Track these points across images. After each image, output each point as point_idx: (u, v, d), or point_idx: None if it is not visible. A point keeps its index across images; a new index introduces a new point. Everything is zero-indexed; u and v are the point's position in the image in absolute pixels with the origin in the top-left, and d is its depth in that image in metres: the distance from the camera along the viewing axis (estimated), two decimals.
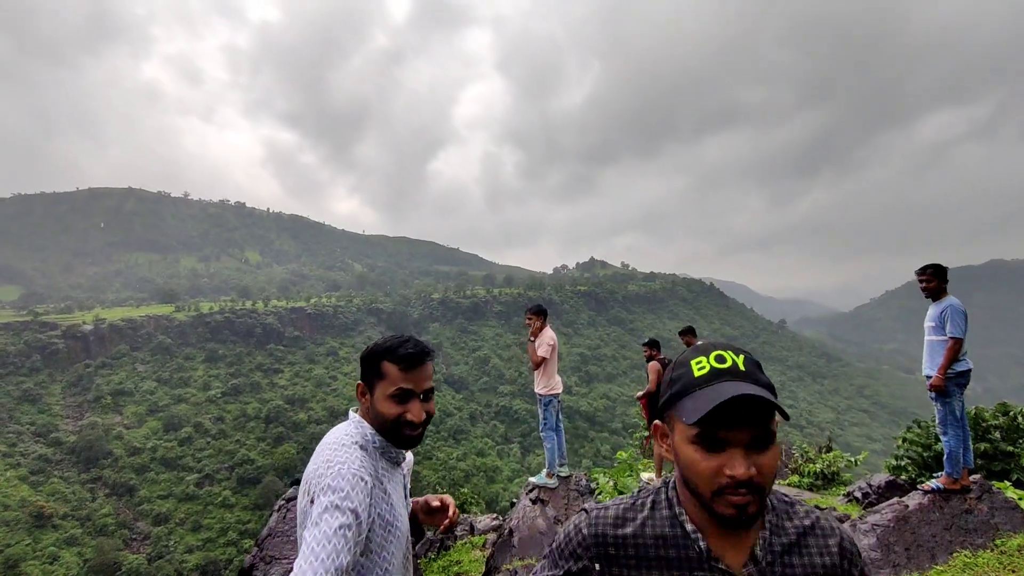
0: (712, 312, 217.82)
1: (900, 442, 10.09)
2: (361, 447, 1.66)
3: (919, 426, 10.28)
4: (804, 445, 12.36)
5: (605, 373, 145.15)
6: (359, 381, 1.84)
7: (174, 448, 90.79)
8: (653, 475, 8.18)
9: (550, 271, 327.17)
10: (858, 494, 8.36)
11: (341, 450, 1.60)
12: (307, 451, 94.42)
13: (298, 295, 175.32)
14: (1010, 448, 8.84)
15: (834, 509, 7.55)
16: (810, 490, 10.24)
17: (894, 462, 9.88)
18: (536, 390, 8.04)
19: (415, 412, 1.77)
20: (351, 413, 1.90)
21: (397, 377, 1.75)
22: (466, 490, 19.51)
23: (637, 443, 15.16)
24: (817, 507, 6.81)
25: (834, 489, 10.24)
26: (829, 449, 11.61)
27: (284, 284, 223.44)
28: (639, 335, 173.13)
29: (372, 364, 1.79)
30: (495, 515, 10.60)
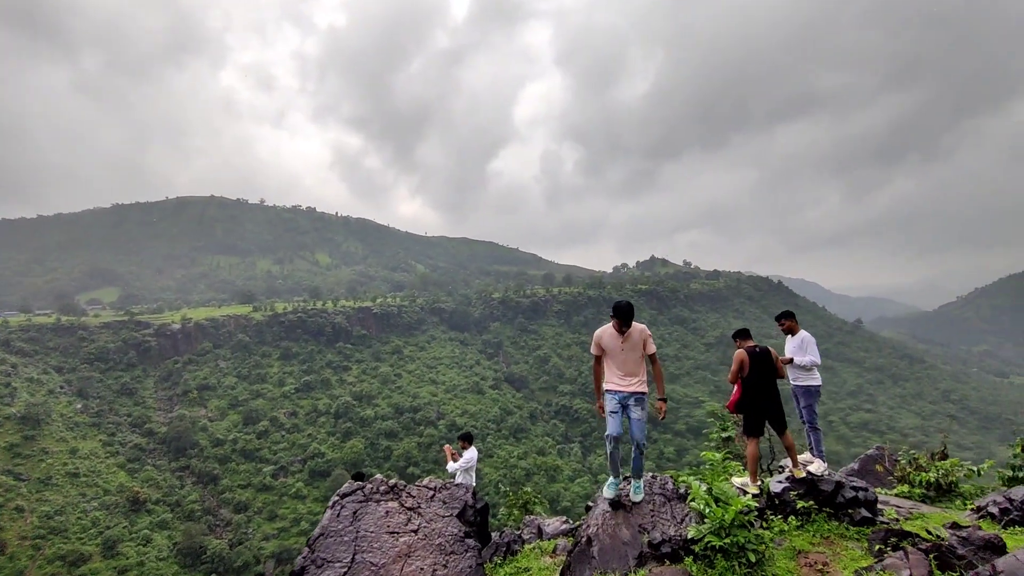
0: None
1: (1018, 450, 9.53)
2: None
3: None
4: (912, 451, 11.20)
5: (668, 373, 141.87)
6: None
7: (252, 440, 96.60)
8: (748, 479, 7.77)
9: (610, 270, 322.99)
10: (994, 510, 7.38)
11: None
12: (374, 446, 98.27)
13: (365, 295, 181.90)
14: None
15: (977, 528, 6.34)
16: (924, 502, 9.31)
17: (1010, 472, 9.32)
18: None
19: None
20: None
21: None
22: (529, 489, 19.18)
23: (713, 443, 14.53)
24: (956, 524, 6.53)
25: (955, 502, 9.27)
26: (944, 456, 10.53)
27: (352, 285, 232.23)
28: (702, 334, 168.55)
29: None
30: (564, 518, 10.64)
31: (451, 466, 10.22)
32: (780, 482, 7.61)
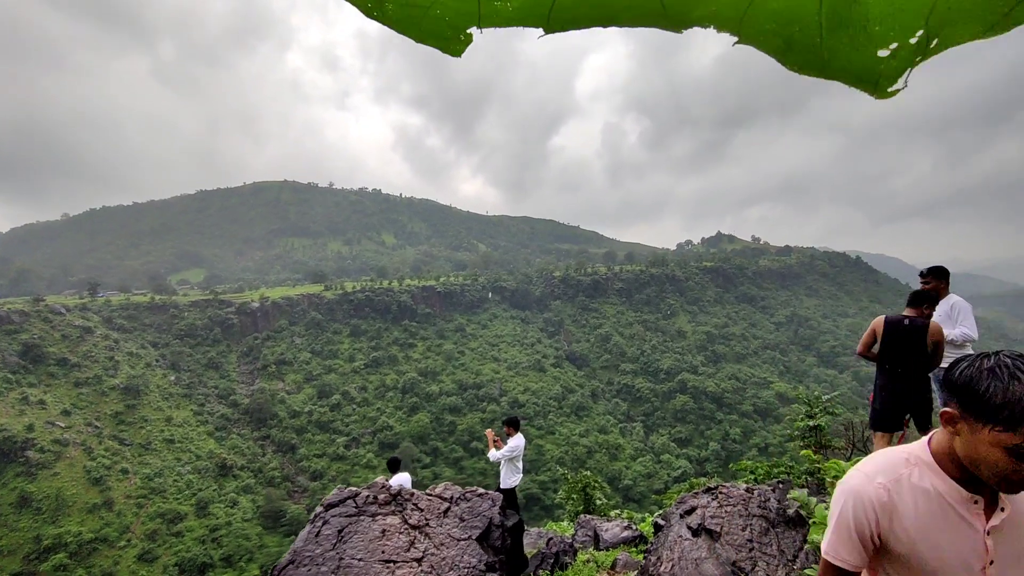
0: (859, 288, 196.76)
1: None
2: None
3: None
4: None
5: (733, 353, 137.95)
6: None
7: (326, 413, 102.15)
8: None
9: (673, 247, 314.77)
10: None
11: None
12: (439, 421, 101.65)
13: (428, 274, 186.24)
14: None
15: None
16: None
17: None
18: None
19: None
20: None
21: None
22: (588, 472, 18.00)
23: (798, 432, 12.71)
24: None
25: None
26: None
27: (416, 264, 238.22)
28: (771, 313, 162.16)
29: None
30: (626, 522, 9.26)
31: (493, 454, 9.24)
32: None
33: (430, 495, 6.35)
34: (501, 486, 9.20)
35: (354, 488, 6.13)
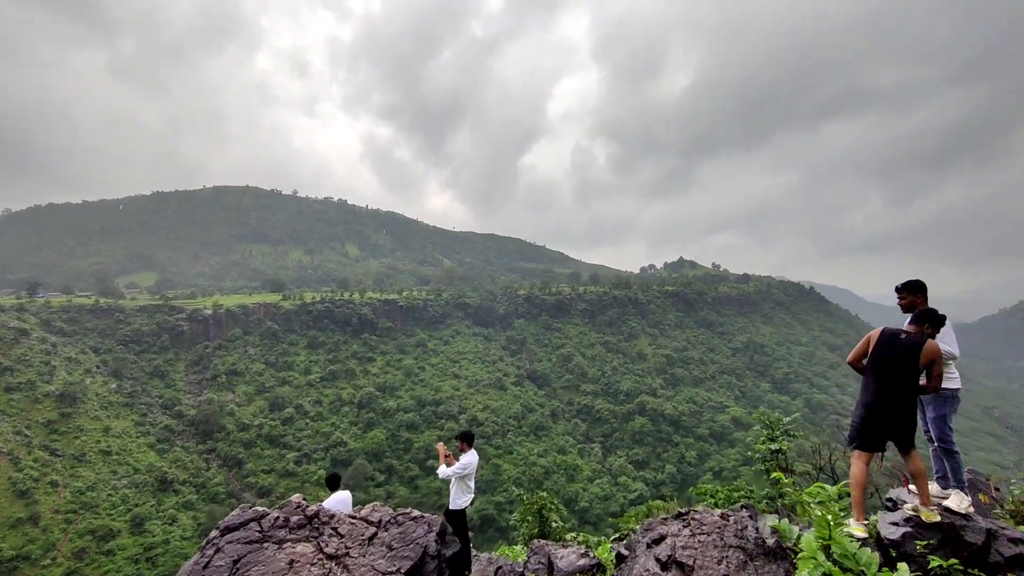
0: (812, 318, 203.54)
1: None
2: None
3: None
4: None
5: (692, 376, 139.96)
6: None
7: (277, 426, 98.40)
8: (862, 529, 5.40)
9: (637, 270, 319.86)
10: None
11: None
12: (395, 438, 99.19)
13: (391, 288, 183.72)
14: None
15: None
16: None
17: None
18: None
19: None
20: None
21: None
22: (545, 494, 17.75)
23: (759, 455, 11.56)
24: None
25: None
26: None
27: (379, 277, 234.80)
28: (728, 339, 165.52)
29: None
30: (583, 548, 8.64)
31: (443, 471, 8.71)
32: (897, 523, 5.28)
33: (354, 518, 5.32)
34: (450, 506, 8.69)
35: (260, 508, 5.06)
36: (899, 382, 5.52)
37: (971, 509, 5.49)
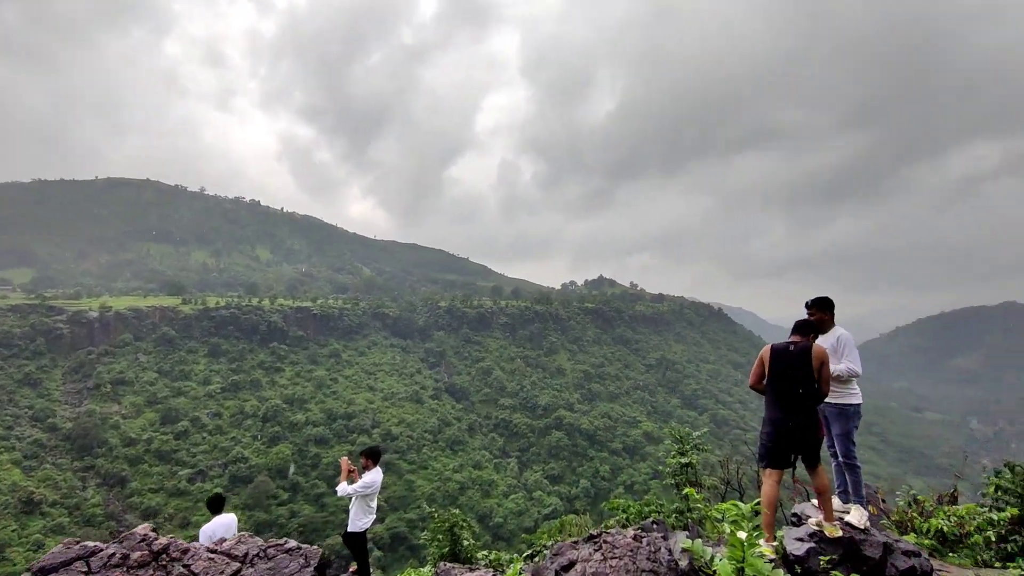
0: (719, 338, 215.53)
1: (991, 489, 7.98)
2: None
3: (1012, 471, 8.18)
4: (912, 491, 9.22)
5: (608, 392, 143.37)
6: None
7: (169, 441, 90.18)
8: (771, 549, 5.40)
9: (558, 286, 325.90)
10: None
11: None
12: (302, 453, 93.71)
13: (305, 295, 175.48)
14: None
15: None
16: (933, 555, 7.28)
17: (990, 513, 7.58)
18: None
19: None
20: None
21: None
22: (457, 511, 17.68)
23: (670, 470, 11.55)
24: None
25: (965, 555, 7.23)
26: (955, 499, 8.53)
27: (292, 283, 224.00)
28: (643, 355, 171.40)
29: None
30: (490, 571, 8.21)
31: (343, 488, 8.02)
32: (802, 539, 5.31)
33: (213, 552, 4.18)
34: (348, 528, 8.09)
35: (92, 543, 3.92)
36: (798, 392, 5.53)
37: (869, 523, 5.62)
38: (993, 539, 7.25)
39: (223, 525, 8.14)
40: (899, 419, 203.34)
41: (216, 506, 8.84)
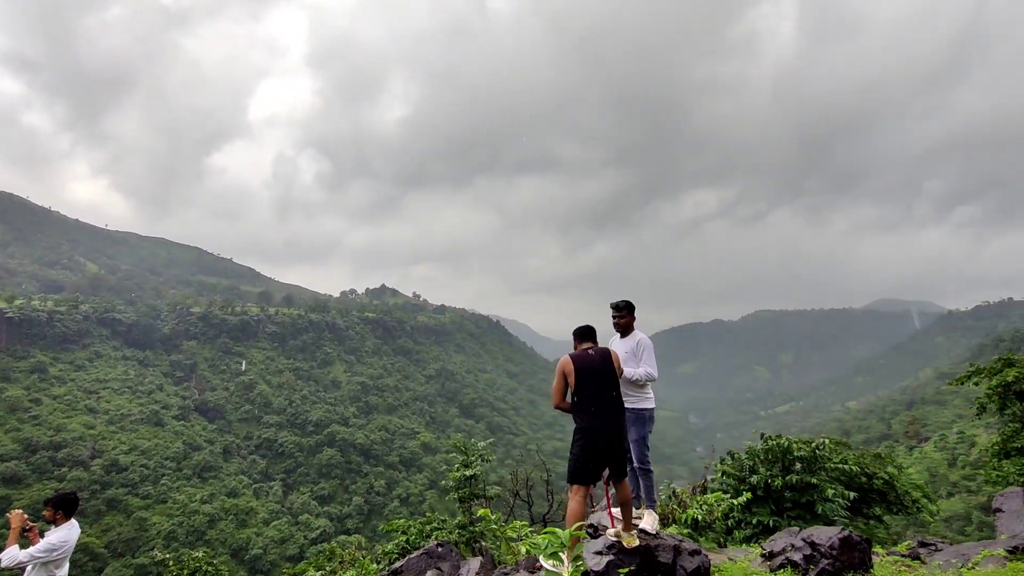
0: (496, 348, 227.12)
1: (719, 474, 9.38)
2: None
3: (732, 457, 9.85)
4: (672, 485, 10.06)
5: (386, 404, 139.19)
6: None
7: None
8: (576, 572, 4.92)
9: (337, 294, 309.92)
10: (797, 557, 5.72)
11: None
12: None
13: None
14: (812, 480, 9.02)
15: None
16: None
17: (732, 499, 9.05)
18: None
19: None
20: None
21: None
22: (201, 554, 14.74)
23: (453, 483, 10.90)
24: None
25: (712, 538, 8.19)
26: (705, 490, 9.62)
27: None
28: (423, 366, 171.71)
29: None
30: None
31: (9, 554, 5.68)
32: (601, 552, 5.04)
33: None
34: None
35: None
36: (611, 395, 5.28)
37: (659, 527, 5.65)
38: (731, 524, 8.69)
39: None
40: None
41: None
